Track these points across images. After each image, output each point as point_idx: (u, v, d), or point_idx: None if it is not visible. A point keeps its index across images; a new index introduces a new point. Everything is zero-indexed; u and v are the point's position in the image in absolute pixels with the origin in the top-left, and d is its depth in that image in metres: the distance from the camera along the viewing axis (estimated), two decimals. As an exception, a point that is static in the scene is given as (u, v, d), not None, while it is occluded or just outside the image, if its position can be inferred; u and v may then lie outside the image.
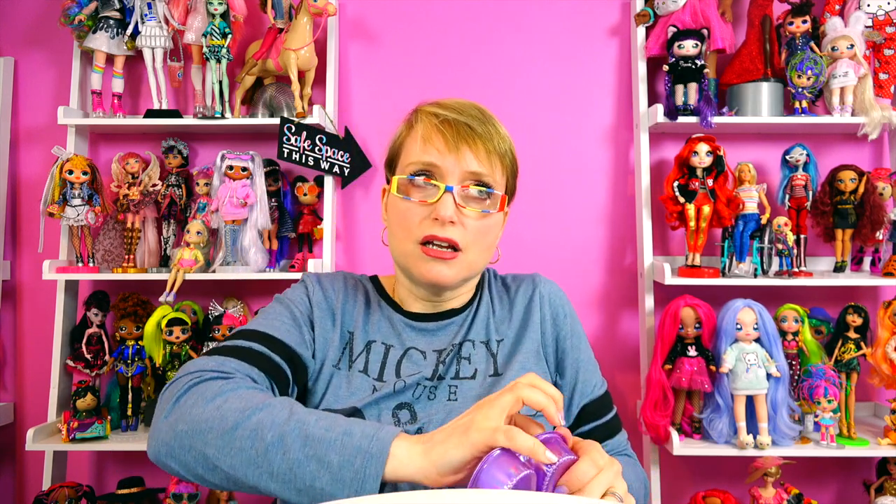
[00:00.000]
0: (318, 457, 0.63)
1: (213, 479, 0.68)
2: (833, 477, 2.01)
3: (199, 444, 0.67)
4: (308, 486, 0.63)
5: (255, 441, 0.65)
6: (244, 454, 0.65)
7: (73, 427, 1.72)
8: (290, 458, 0.64)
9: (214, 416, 0.68)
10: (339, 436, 0.64)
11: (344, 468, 0.62)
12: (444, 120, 0.88)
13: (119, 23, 1.91)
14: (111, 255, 1.94)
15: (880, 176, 1.88)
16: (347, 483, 0.62)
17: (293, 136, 1.83)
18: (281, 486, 0.64)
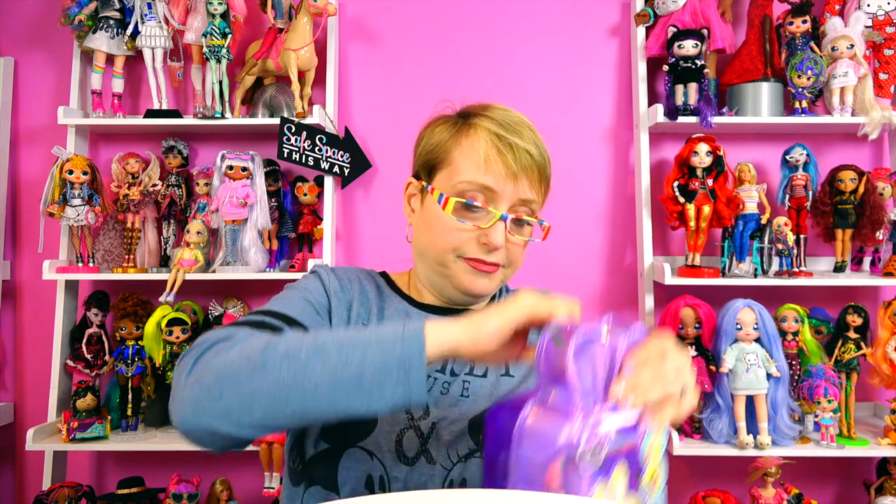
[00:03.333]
0: (356, 355, 0.62)
1: (251, 420, 0.64)
2: (833, 477, 2.01)
3: (231, 387, 0.64)
4: (354, 386, 0.61)
5: (290, 362, 0.63)
6: (281, 378, 0.63)
7: (73, 427, 1.72)
8: (330, 364, 0.62)
9: (239, 357, 0.65)
10: (370, 334, 0.65)
11: (387, 355, 0.62)
12: (507, 144, 0.84)
13: (119, 23, 1.91)
14: (111, 255, 1.94)
15: (880, 176, 1.88)
16: (394, 368, 0.62)
17: (293, 136, 1.83)
18: (327, 397, 0.62)
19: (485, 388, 0.86)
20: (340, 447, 0.79)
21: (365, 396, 0.62)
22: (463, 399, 0.85)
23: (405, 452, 0.79)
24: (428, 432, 0.80)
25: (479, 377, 0.87)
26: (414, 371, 0.62)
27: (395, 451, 0.79)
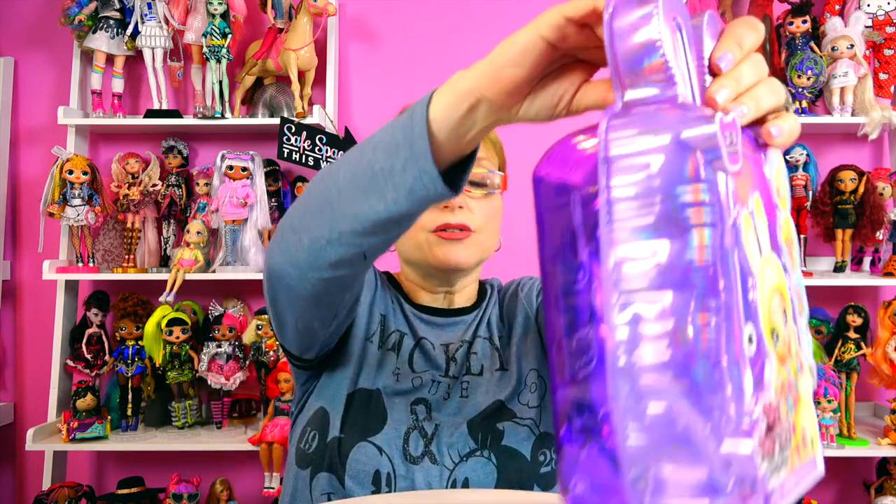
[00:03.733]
0: (369, 148, 0.57)
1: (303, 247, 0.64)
2: (833, 477, 2.01)
3: (286, 223, 0.66)
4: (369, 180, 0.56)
5: (323, 179, 0.63)
6: (316, 195, 0.62)
7: (73, 427, 1.72)
8: (350, 165, 0.59)
9: (297, 201, 0.67)
10: (387, 124, 0.57)
11: (395, 134, 0.54)
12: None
13: (119, 23, 1.91)
14: (111, 255, 1.94)
15: (880, 176, 1.88)
16: (400, 146, 0.53)
17: (293, 136, 1.83)
18: (349, 200, 0.58)
19: (481, 387, 0.87)
20: (353, 439, 0.80)
21: (378, 189, 0.55)
22: (463, 400, 0.86)
23: (411, 452, 0.80)
24: (432, 433, 0.81)
25: (476, 375, 0.88)
26: (417, 141, 0.52)
27: (402, 450, 0.80)
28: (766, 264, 0.36)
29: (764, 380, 0.33)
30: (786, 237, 0.40)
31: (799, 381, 0.37)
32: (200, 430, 1.85)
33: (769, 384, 0.33)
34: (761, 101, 0.39)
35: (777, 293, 0.36)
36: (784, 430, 0.34)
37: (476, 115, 0.50)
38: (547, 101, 0.49)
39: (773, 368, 0.34)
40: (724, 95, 0.38)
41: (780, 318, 0.36)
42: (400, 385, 0.85)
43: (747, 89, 0.39)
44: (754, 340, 0.33)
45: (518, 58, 0.46)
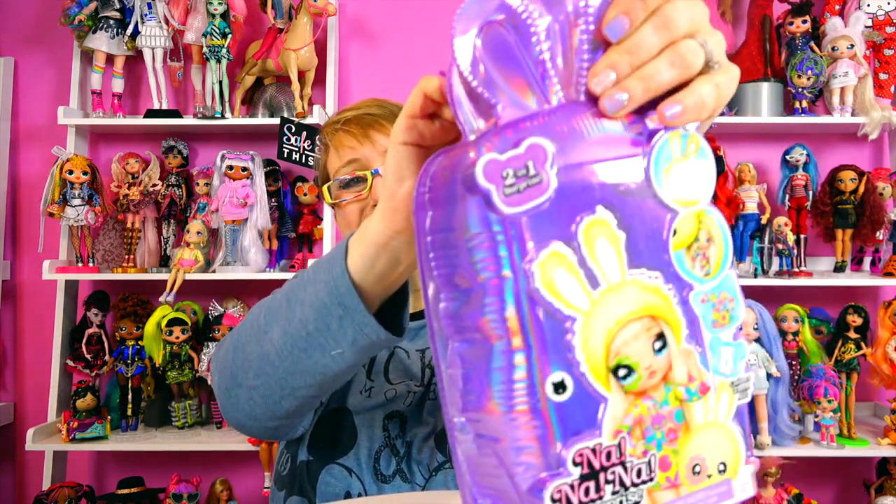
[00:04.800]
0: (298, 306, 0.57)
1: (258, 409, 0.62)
2: (833, 477, 2.01)
3: (230, 381, 0.64)
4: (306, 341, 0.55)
5: (255, 335, 0.61)
6: (255, 354, 0.61)
7: (73, 427, 1.72)
8: (281, 324, 0.58)
9: (227, 350, 0.65)
10: (308, 273, 0.58)
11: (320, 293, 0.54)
12: (344, 121, 0.89)
13: (119, 23, 1.91)
14: (111, 255, 1.94)
15: (880, 176, 1.88)
16: (330, 304, 0.53)
17: (293, 136, 1.83)
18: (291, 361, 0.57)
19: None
20: (321, 462, 0.79)
21: (319, 347, 0.55)
22: (431, 403, 0.83)
23: (382, 471, 0.78)
24: (404, 452, 0.80)
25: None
26: (345, 297, 0.51)
27: (373, 469, 0.78)
28: (609, 293, 0.33)
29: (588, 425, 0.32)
30: (689, 238, 0.35)
31: (688, 409, 0.34)
32: (200, 430, 1.85)
33: (603, 426, 0.32)
34: (653, 79, 0.33)
35: (639, 320, 0.33)
36: (633, 470, 0.33)
37: (395, 252, 0.49)
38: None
39: (617, 408, 0.32)
40: (603, 82, 0.33)
41: (642, 348, 0.33)
42: (372, 401, 0.83)
43: (641, 64, 0.33)
44: (568, 388, 0.31)
45: (397, 173, 0.46)
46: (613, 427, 0.32)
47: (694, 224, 0.36)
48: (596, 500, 0.32)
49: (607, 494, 0.32)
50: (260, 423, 0.65)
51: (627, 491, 0.33)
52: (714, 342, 0.36)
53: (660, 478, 0.34)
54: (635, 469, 0.33)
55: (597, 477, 0.32)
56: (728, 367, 0.36)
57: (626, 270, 0.33)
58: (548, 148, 0.32)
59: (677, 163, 0.35)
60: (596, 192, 0.33)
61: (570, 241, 0.32)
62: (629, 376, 0.33)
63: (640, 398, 0.33)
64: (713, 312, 0.36)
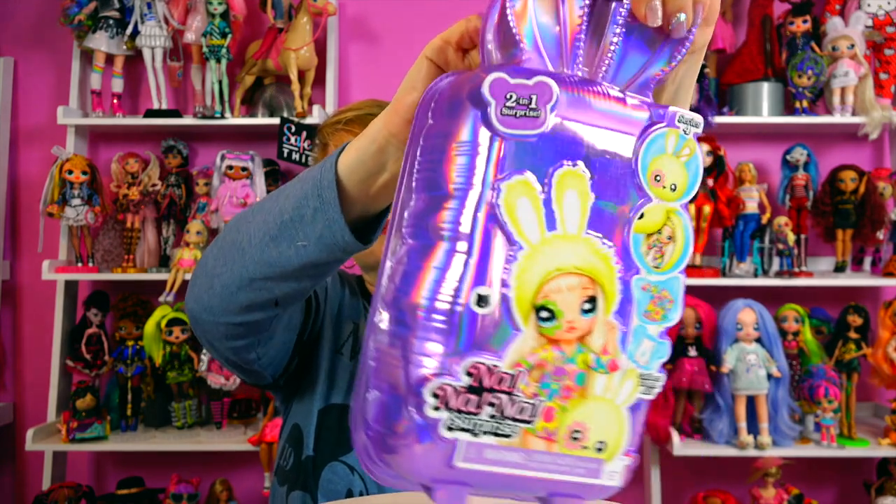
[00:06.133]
0: (282, 198, 0.57)
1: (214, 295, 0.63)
2: (833, 477, 2.01)
3: (199, 269, 0.65)
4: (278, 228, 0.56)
5: (235, 225, 0.62)
6: (228, 240, 0.62)
7: (73, 427, 1.72)
8: (261, 214, 0.59)
9: (210, 245, 0.66)
10: (304, 171, 0.58)
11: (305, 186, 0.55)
12: (346, 121, 0.88)
13: (118, 22, 1.91)
14: (111, 255, 1.94)
15: (881, 176, 1.88)
16: (310, 196, 0.53)
17: (293, 136, 1.83)
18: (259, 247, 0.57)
19: None
20: (325, 458, 0.79)
21: (289, 237, 0.55)
22: None
23: None
24: None
25: None
26: (325, 190, 0.52)
27: None
28: (561, 240, 0.35)
29: (495, 346, 0.33)
30: (651, 228, 0.37)
31: (591, 377, 0.36)
32: (200, 431, 1.85)
33: (507, 352, 0.34)
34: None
35: (579, 276, 0.35)
36: (517, 405, 0.34)
37: (385, 156, 0.50)
38: None
39: (526, 344, 0.34)
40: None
41: (572, 302, 0.35)
42: None
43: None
44: (491, 305, 0.33)
45: (411, 82, 0.50)
46: (516, 358, 0.34)
47: (662, 217, 0.38)
48: (472, 413, 0.33)
49: (484, 414, 0.33)
50: (213, 317, 0.64)
51: (504, 421, 0.34)
52: (639, 330, 0.37)
53: (538, 425, 0.35)
54: (519, 405, 0.34)
55: (481, 394, 0.33)
56: (644, 359, 0.37)
57: (584, 228, 0.35)
58: (555, 91, 0.35)
59: (667, 158, 0.38)
60: (583, 149, 0.36)
61: (542, 179, 0.35)
62: (550, 321, 0.35)
63: (552, 345, 0.35)
64: (650, 304, 0.37)
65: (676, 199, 0.38)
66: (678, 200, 0.38)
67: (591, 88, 0.36)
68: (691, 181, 0.39)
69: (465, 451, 0.33)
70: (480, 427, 0.33)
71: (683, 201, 0.38)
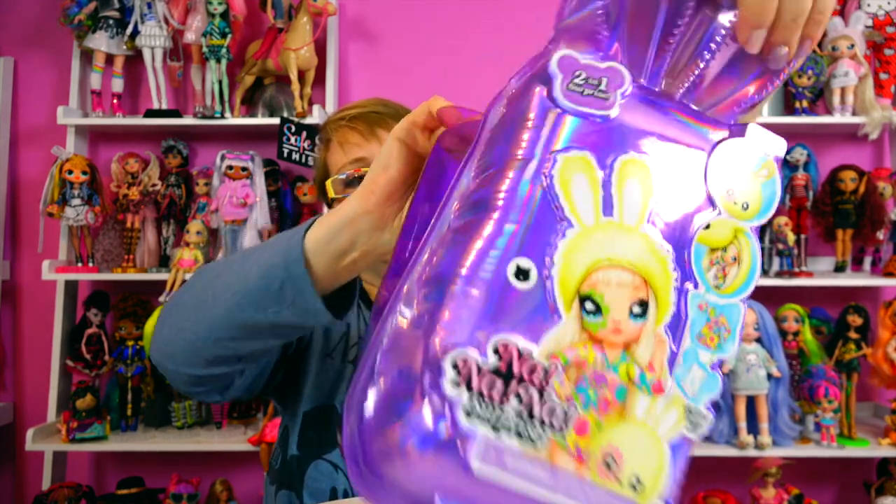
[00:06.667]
0: (249, 263, 0.57)
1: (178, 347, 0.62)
2: (833, 477, 2.01)
3: (165, 320, 0.64)
4: (244, 294, 0.56)
5: (202, 283, 0.61)
6: (195, 296, 0.61)
7: (73, 427, 1.72)
8: (229, 276, 0.58)
9: (174, 295, 0.65)
10: (268, 241, 0.59)
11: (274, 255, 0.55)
12: (350, 118, 0.88)
13: (118, 22, 1.90)
14: (111, 255, 1.94)
15: (881, 176, 1.88)
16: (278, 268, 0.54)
17: (293, 136, 1.83)
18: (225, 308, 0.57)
19: None
20: (309, 457, 0.80)
21: (257, 305, 0.55)
22: None
23: None
24: None
25: None
26: (293, 265, 0.53)
27: None
28: (617, 228, 0.32)
29: (531, 329, 0.30)
30: (716, 243, 0.34)
31: (633, 394, 0.31)
32: (200, 431, 1.85)
33: (544, 340, 0.30)
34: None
35: (632, 273, 0.32)
36: (548, 406, 0.29)
37: (357, 234, 0.52)
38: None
39: (566, 335, 0.30)
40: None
41: (621, 300, 0.31)
42: None
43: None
44: (531, 280, 0.30)
45: (384, 162, 0.51)
46: (552, 348, 0.30)
47: (729, 235, 0.35)
48: (495, 403, 0.29)
49: (509, 408, 0.29)
50: (176, 367, 0.64)
51: (532, 421, 0.29)
52: (691, 353, 0.33)
53: (569, 437, 0.30)
54: (550, 406, 0.29)
55: (508, 381, 0.29)
56: (692, 388, 0.33)
57: (643, 223, 0.32)
58: (626, 80, 0.33)
59: (743, 174, 0.36)
60: (652, 144, 0.33)
61: (604, 160, 0.32)
62: (595, 314, 0.31)
63: (594, 345, 0.31)
64: (705, 326, 0.34)
65: (747, 218, 0.35)
66: (749, 221, 0.35)
67: (667, 100, 0.35)
68: (766, 204, 0.36)
69: (484, 448, 0.28)
70: (504, 422, 0.28)
71: (754, 223, 0.36)
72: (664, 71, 0.36)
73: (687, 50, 0.36)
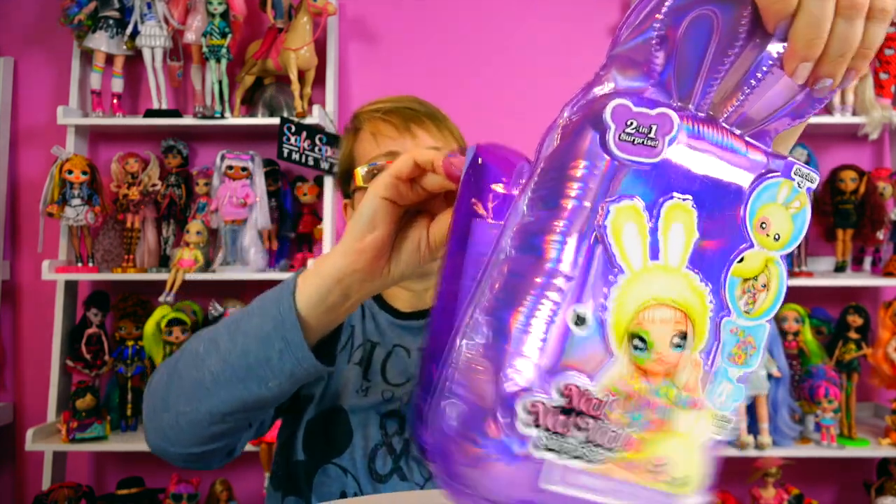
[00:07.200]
0: (241, 335, 0.57)
1: (182, 433, 0.62)
2: (833, 477, 2.01)
3: (160, 405, 0.63)
4: (245, 370, 0.57)
5: (193, 362, 0.60)
6: (190, 380, 0.60)
7: (73, 427, 1.72)
8: (222, 351, 0.58)
9: (163, 373, 0.64)
10: (255, 305, 0.59)
11: (265, 324, 0.56)
12: (386, 111, 0.89)
13: (118, 22, 1.90)
14: (111, 255, 1.94)
15: (881, 176, 1.88)
16: (273, 337, 0.55)
17: (293, 136, 1.83)
18: (227, 388, 0.57)
19: None
20: (316, 462, 0.79)
21: (257, 378, 0.56)
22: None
23: (378, 470, 0.78)
24: (401, 450, 0.79)
25: None
26: (289, 332, 0.54)
27: (367, 469, 0.78)
28: (662, 271, 0.35)
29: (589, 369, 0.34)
30: (749, 273, 0.38)
31: (676, 412, 0.36)
32: (200, 431, 1.85)
33: (600, 377, 0.34)
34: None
35: (674, 310, 0.35)
36: (605, 433, 0.34)
37: (349, 290, 0.54)
38: (410, 251, 0.54)
39: (619, 371, 0.34)
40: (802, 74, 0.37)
41: (664, 334, 0.35)
42: (368, 400, 0.81)
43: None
44: (588, 325, 0.34)
45: (371, 222, 0.52)
46: (609, 385, 0.34)
47: (760, 265, 0.38)
48: (562, 435, 0.33)
49: (572, 437, 0.33)
50: (180, 449, 0.64)
51: (588, 445, 0.34)
52: (721, 371, 0.37)
53: (622, 455, 0.35)
54: (606, 432, 0.34)
55: (571, 415, 0.33)
56: (721, 400, 0.38)
57: (685, 264, 0.36)
58: (675, 123, 0.35)
59: (776, 207, 0.38)
60: (695, 185, 0.36)
61: (652, 208, 0.35)
62: (642, 350, 0.35)
63: (641, 377, 0.35)
64: (735, 347, 0.38)
65: (778, 248, 0.39)
66: (779, 250, 0.39)
67: (712, 126, 0.37)
68: (796, 233, 0.39)
69: (551, 472, 0.33)
70: (568, 450, 0.33)
71: (783, 252, 0.39)
72: (711, 97, 0.37)
73: (735, 76, 0.37)
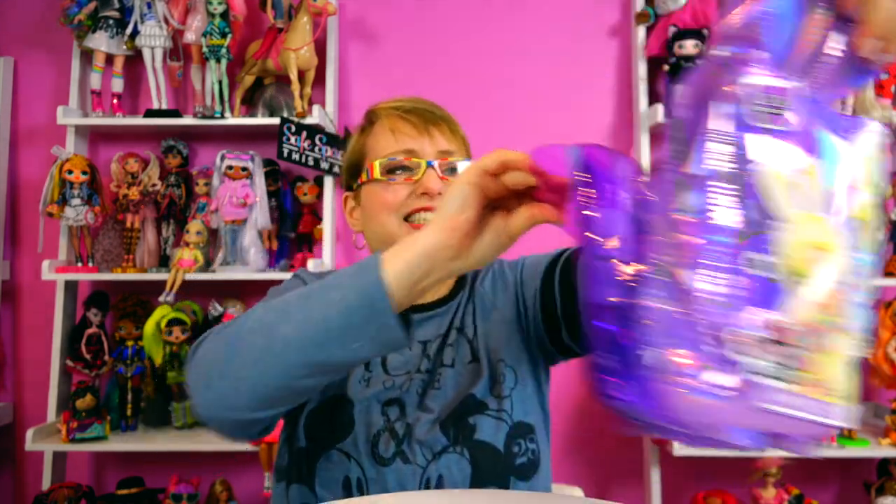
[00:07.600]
0: (319, 304, 0.60)
1: (245, 400, 0.63)
2: (833, 477, 2.01)
3: (217, 373, 0.64)
4: (324, 336, 0.59)
5: (261, 330, 0.62)
6: (256, 348, 0.61)
7: (73, 427, 1.72)
8: (296, 320, 0.60)
9: (221, 343, 0.65)
10: (331, 279, 0.62)
11: (348, 294, 0.59)
12: (406, 110, 0.91)
13: (118, 22, 1.91)
14: (110, 255, 1.94)
15: (881, 176, 1.88)
16: (357, 305, 0.58)
17: (293, 136, 1.83)
18: (300, 354, 0.60)
19: (452, 379, 0.84)
20: (319, 448, 0.79)
21: (339, 342, 0.59)
22: (435, 392, 0.83)
23: (381, 454, 0.78)
24: (404, 433, 0.79)
25: (448, 367, 0.85)
26: (378, 301, 0.57)
27: (370, 454, 0.78)
28: (807, 220, 0.43)
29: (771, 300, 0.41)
30: (859, 216, 0.45)
31: (833, 336, 0.43)
32: (200, 431, 1.85)
33: (778, 309, 0.41)
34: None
35: (819, 251, 0.43)
36: (790, 356, 0.41)
37: (433, 267, 0.59)
38: (491, 238, 0.60)
39: (794, 302, 0.42)
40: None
41: (818, 271, 0.42)
42: (370, 390, 0.83)
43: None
44: (760, 268, 0.41)
45: (463, 205, 0.58)
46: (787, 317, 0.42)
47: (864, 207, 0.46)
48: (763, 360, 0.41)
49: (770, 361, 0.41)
50: (237, 414, 0.64)
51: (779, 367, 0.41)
52: (858, 301, 0.45)
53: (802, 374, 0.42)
54: (793, 356, 0.42)
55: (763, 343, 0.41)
56: (859, 323, 0.45)
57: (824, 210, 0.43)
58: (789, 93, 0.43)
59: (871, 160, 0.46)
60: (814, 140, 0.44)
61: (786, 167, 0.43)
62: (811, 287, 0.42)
63: (808, 307, 0.42)
64: (862, 279, 0.45)
65: (876, 193, 0.46)
66: (879, 196, 0.46)
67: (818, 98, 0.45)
68: (879, 172, 0.47)
69: (759, 392, 0.41)
70: (768, 371, 0.41)
71: (880, 197, 0.46)
72: (799, 69, 0.45)
73: (818, 50, 0.45)
